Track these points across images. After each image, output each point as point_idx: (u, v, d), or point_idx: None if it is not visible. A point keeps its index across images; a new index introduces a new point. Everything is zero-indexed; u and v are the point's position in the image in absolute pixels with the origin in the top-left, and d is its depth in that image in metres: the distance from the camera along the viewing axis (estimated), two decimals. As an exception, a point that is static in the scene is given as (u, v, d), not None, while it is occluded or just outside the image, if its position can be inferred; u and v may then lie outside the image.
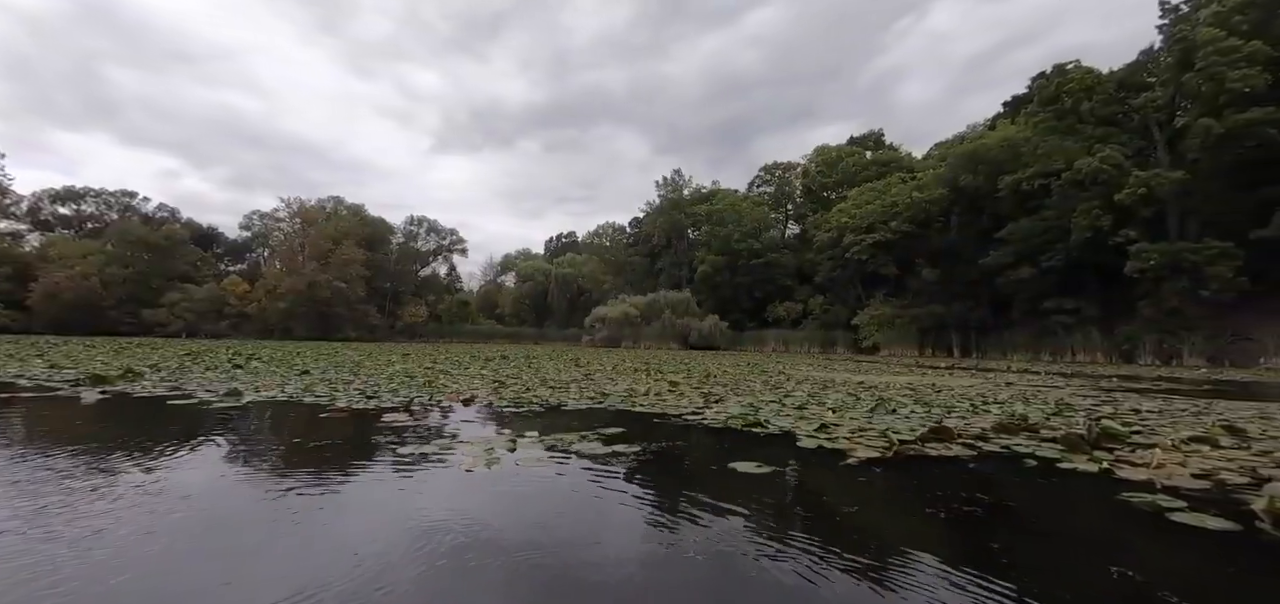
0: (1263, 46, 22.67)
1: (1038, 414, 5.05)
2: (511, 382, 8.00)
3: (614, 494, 2.43)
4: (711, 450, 3.43)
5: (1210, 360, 21.07)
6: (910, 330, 31.65)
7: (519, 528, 1.94)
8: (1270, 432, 4.20)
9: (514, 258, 78.18)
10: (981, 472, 2.90)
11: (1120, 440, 3.75)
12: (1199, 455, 3.20)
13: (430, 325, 56.44)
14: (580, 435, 3.75)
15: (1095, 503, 2.36)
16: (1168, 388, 9.34)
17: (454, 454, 3.08)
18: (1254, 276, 22.15)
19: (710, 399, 6.06)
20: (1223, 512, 2.15)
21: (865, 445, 3.39)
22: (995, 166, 29.95)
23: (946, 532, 1.99)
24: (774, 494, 2.44)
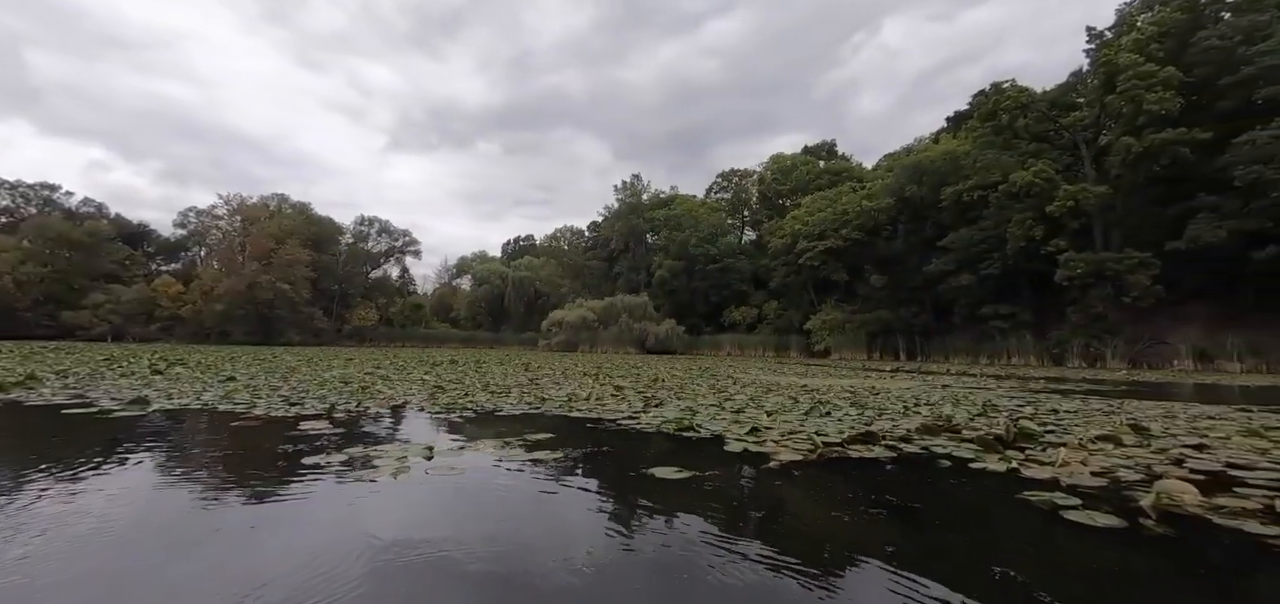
0: (1176, 72, 24.44)
1: (964, 416, 5.20)
2: (452, 387, 7.76)
3: (520, 503, 2.33)
4: (636, 455, 3.36)
5: (1130, 363, 22.49)
6: (860, 334, 32.60)
7: (410, 541, 1.82)
8: (1171, 430, 4.44)
9: (470, 260, 76.70)
10: (897, 473, 2.93)
11: (1034, 440, 3.89)
12: (1102, 454, 3.33)
13: (381, 329, 54.66)
14: (504, 442, 3.62)
15: (997, 502, 2.41)
16: (1088, 389, 9.86)
17: (363, 464, 2.91)
18: (1169, 285, 23.80)
19: (650, 403, 6.01)
20: (1113, 509, 2.22)
21: (791, 448, 3.39)
22: (938, 178, 31.22)
23: (847, 532, 1.97)
24: (687, 499, 2.39)
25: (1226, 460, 3.19)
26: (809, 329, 35.67)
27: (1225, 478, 2.78)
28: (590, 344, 42.92)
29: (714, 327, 44.95)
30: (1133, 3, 29.38)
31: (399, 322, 58.86)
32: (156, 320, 43.85)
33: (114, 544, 1.77)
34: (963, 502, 2.43)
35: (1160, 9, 26.98)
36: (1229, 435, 4.17)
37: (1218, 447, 3.67)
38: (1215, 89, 24.54)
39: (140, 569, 1.59)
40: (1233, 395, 9.26)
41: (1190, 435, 4.15)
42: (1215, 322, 22.58)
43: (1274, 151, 20.92)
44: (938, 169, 31.68)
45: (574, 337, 44.13)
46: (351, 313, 53.56)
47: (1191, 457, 3.29)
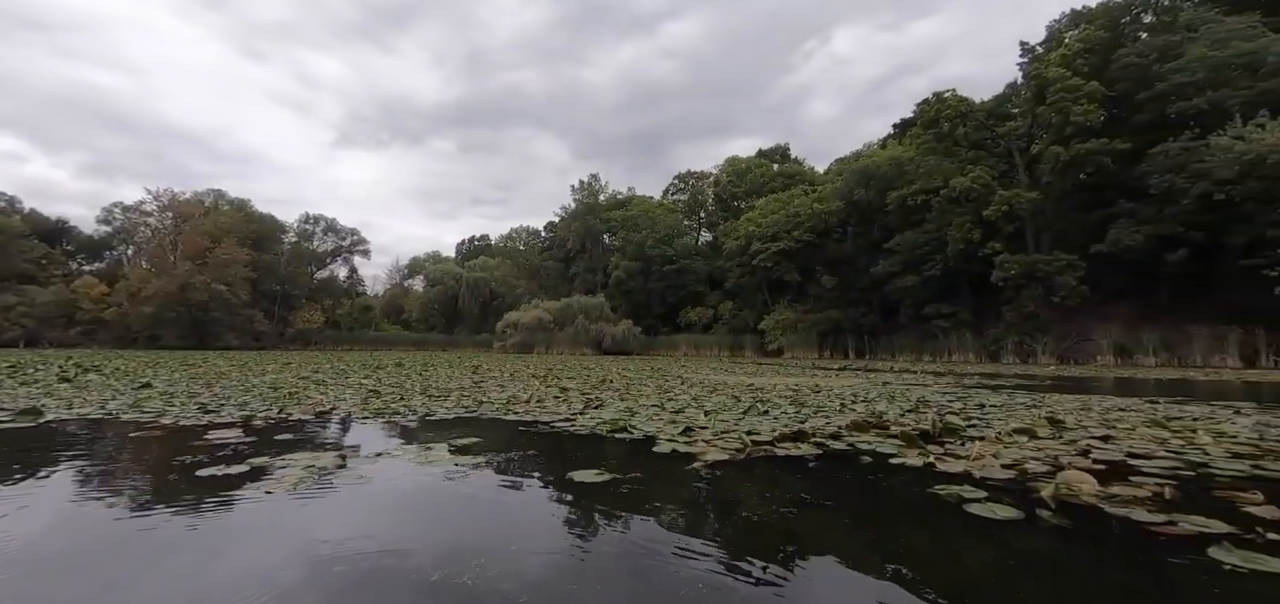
0: (1099, 86, 26.05)
1: (896, 412, 5.33)
2: (389, 391, 7.47)
3: (424, 511, 2.21)
4: (562, 459, 3.27)
5: (1059, 359, 23.82)
6: (811, 334, 33.37)
7: (302, 556, 1.68)
8: (1084, 422, 4.66)
9: (422, 260, 74.68)
10: (819, 469, 2.94)
11: (958, 435, 4.00)
12: (1016, 446, 3.45)
13: (328, 332, 52.50)
14: (427, 448, 3.47)
15: (908, 496, 2.44)
16: (1018, 384, 10.34)
17: (269, 474, 2.72)
18: (1093, 285, 25.32)
19: (592, 405, 5.92)
20: (1015, 500, 2.27)
21: (720, 448, 3.37)
22: (885, 182, 32.30)
23: (755, 531, 1.94)
24: (603, 502, 2.32)
25: (1128, 451, 3.35)
26: (763, 329, 36.29)
27: (1124, 468, 2.91)
28: (546, 345, 42.41)
29: (670, 327, 45.16)
30: (1061, 20, 31.12)
31: (347, 324, 56.71)
32: (77, 324, 40.83)
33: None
34: (875, 497, 2.45)
35: (1085, 27, 28.67)
36: (1134, 427, 4.41)
37: (1123, 437, 3.87)
38: (1134, 103, 26.26)
39: (-46, 602, 1.40)
40: (1147, 388, 9.88)
41: (1100, 427, 4.37)
42: (1134, 319, 24.15)
43: (1185, 162, 22.53)
44: (884, 174, 32.76)
45: (530, 338, 43.52)
46: (295, 315, 51.24)
47: (1097, 448, 3.44)
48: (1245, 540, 1.81)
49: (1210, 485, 2.55)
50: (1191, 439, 3.77)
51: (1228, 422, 4.81)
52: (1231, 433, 4.13)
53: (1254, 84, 23.02)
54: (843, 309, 33.88)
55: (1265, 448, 3.51)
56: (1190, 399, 7.21)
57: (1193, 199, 21.91)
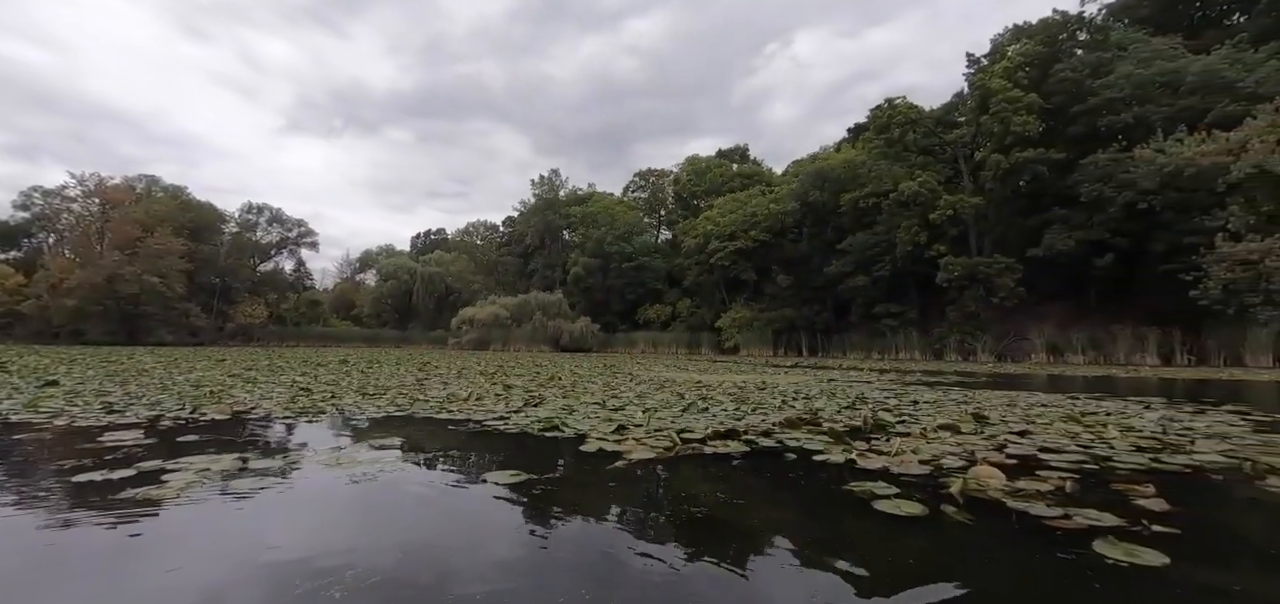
0: (1037, 98, 27.36)
1: (832, 408, 5.41)
2: (322, 389, 7.14)
3: (310, 523, 2.06)
4: (482, 458, 3.15)
5: (997, 357, 24.95)
6: (766, 332, 33.92)
7: (153, 581, 1.52)
8: (1007, 418, 4.82)
9: (375, 254, 72.41)
10: (742, 467, 2.92)
11: (886, 430, 4.07)
12: (938, 442, 3.52)
13: (272, 327, 50.25)
14: (340, 449, 3.29)
15: (821, 493, 2.43)
16: (955, 381, 10.71)
17: (154, 480, 2.50)
18: (1029, 287, 26.63)
19: (531, 402, 5.79)
20: (926, 496, 2.29)
21: (648, 447, 3.31)
22: (838, 185, 33.10)
23: (661, 530, 1.89)
24: (512, 503, 2.22)
25: (1041, 445, 3.46)
26: (720, 327, 36.69)
27: (1034, 462, 2.99)
28: (503, 342, 41.74)
29: (629, 324, 45.15)
30: (1004, 34, 32.54)
31: (293, 319, 54.41)
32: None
33: None
34: (790, 495, 2.43)
35: (1026, 42, 30.04)
36: (1052, 422, 4.58)
37: (1039, 433, 4.01)
38: (1068, 115, 27.71)
39: None
40: (1075, 385, 10.40)
41: (1021, 423, 4.53)
42: (1066, 320, 25.53)
43: (1112, 172, 23.92)
44: (838, 176, 33.57)
45: (486, 335, 42.73)
46: (236, 309, 48.81)
47: (1013, 442, 3.55)
48: (1131, 533, 1.85)
49: (1110, 479, 2.64)
50: (1101, 434, 3.94)
51: (1137, 416, 5.07)
52: (1139, 427, 4.34)
53: (1175, 101, 24.65)
54: (797, 308, 34.58)
55: (1166, 441, 3.70)
56: (1109, 395, 7.61)
57: (1119, 207, 23.29)
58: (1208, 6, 31.78)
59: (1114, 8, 33.93)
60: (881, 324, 30.04)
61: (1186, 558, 1.66)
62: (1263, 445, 3.65)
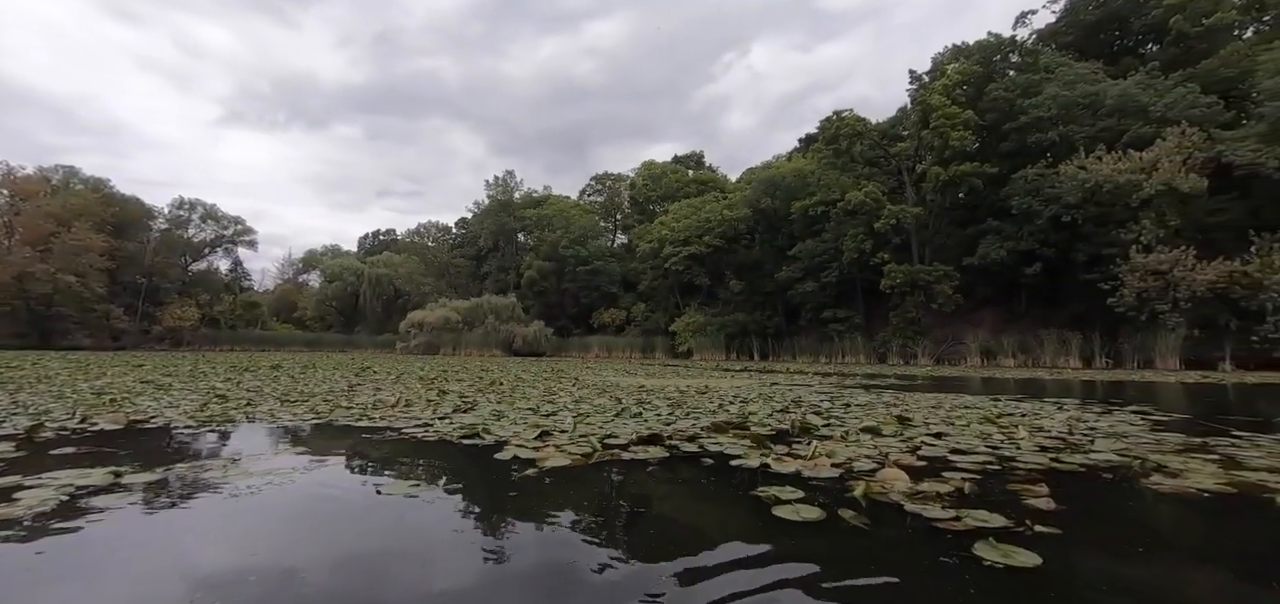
0: (973, 115, 28.77)
1: (765, 412, 5.45)
2: (241, 396, 6.71)
3: (165, 548, 1.87)
4: (384, 468, 2.98)
5: (936, 360, 26.01)
6: (719, 337, 34.33)
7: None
8: (929, 420, 4.96)
9: (320, 254, 69.55)
10: (657, 473, 2.87)
11: (812, 433, 4.11)
12: (857, 445, 3.56)
13: (204, 331, 47.45)
14: (234, 462, 3.05)
15: (726, 498, 2.40)
16: (893, 384, 11.05)
17: (5, 498, 2.23)
18: (966, 294, 27.92)
19: (462, 408, 5.60)
20: (829, 500, 2.28)
21: (567, 453, 3.21)
22: (789, 193, 33.86)
23: (549, 541, 1.80)
24: (394, 517, 2.09)
25: (954, 447, 3.55)
26: (674, 331, 36.91)
27: (943, 464, 3.05)
28: (454, 347, 40.75)
29: (583, 328, 44.87)
30: (944, 53, 34.10)
31: (228, 322, 51.57)
32: None
33: None
34: (692, 501, 2.39)
35: (964, 61, 31.55)
36: (970, 423, 4.74)
37: (956, 434, 4.12)
38: (1001, 132, 29.26)
39: None
40: (1007, 387, 10.88)
41: (941, 424, 4.66)
42: (999, 325, 26.89)
43: (1039, 186, 25.37)
44: (789, 185, 34.34)
45: (436, 339, 41.63)
46: (164, 312, 45.82)
47: (929, 444, 3.62)
48: (1014, 534, 1.88)
49: (1009, 479, 2.71)
50: (1012, 435, 4.09)
51: (1049, 417, 5.31)
52: (1048, 427, 4.54)
53: (1095, 122, 26.37)
54: (749, 313, 35.14)
55: (1069, 441, 3.86)
56: (1031, 396, 7.98)
57: (1046, 220, 24.71)
58: (1125, 36, 34.18)
59: (1043, 34, 36.13)
60: (829, 329, 30.87)
61: (1059, 558, 1.69)
62: (1155, 443, 3.86)
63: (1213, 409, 6.90)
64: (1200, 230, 22.26)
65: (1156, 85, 26.19)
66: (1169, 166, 21.42)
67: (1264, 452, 3.57)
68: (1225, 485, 2.66)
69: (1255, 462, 3.24)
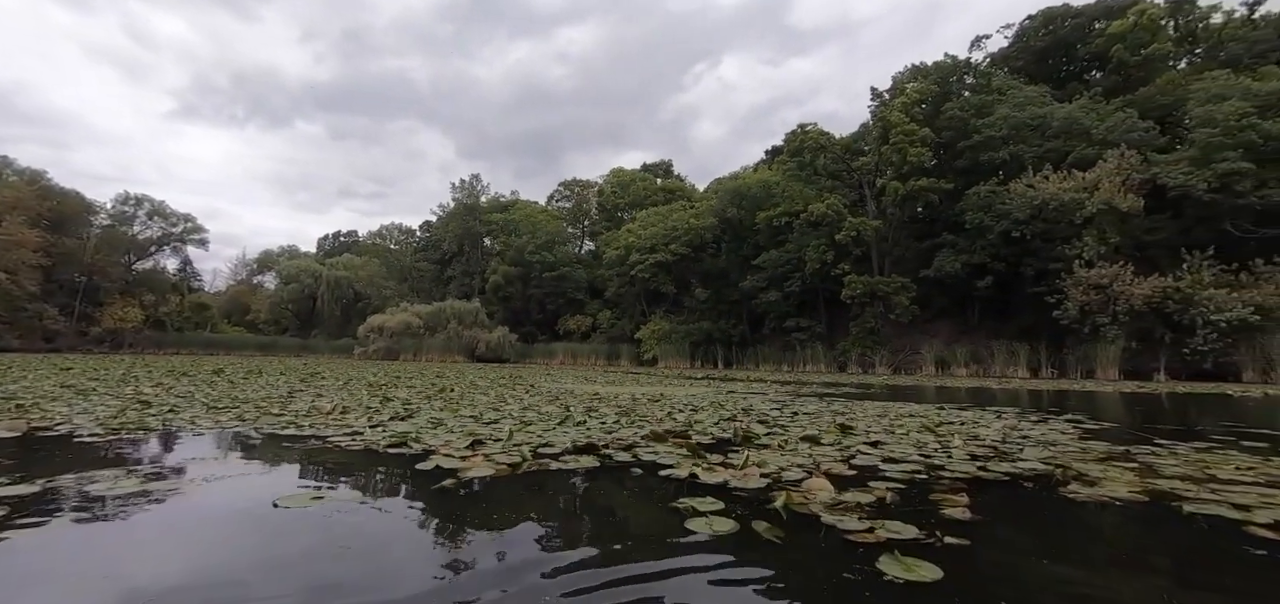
0: (930, 133, 29.71)
1: (712, 420, 5.41)
2: (167, 402, 6.34)
3: (60, 548, 1.69)
4: (289, 478, 2.81)
5: (893, 370, 26.63)
6: (684, 344, 34.43)
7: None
8: (872, 429, 4.99)
9: (275, 255, 67.22)
10: (581, 484, 2.77)
11: (752, 442, 4.07)
12: (793, 453, 3.54)
13: (148, 333, 45.12)
14: (131, 471, 2.83)
15: (640, 510, 2.33)
16: (848, 392, 11.20)
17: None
18: (923, 305, 28.72)
19: (401, 416, 5.39)
20: (747, 511, 2.23)
21: (495, 463, 3.09)
22: (755, 203, 34.29)
23: (437, 555, 1.69)
24: (293, 529, 1.94)
25: (887, 455, 3.56)
26: (639, 339, 36.86)
27: (872, 473, 3.05)
28: (415, 352, 39.76)
29: (549, 335, 44.41)
30: (904, 72, 35.17)
31: (175, 324, 49.19)
32: None
33: None
34: (605, 513, 2.30)
35: (922, 81, 32.59)
36: (909, 431, 4.79)
37: (893, 442, 4.14)
38: (956, 150, 30.29)
39: None
40: (960, 396, 11.15)
41: (882, 432, 4.69)
42: (953, 336, 27.72)
43: (991, 203, 26.33)
44: (755, 195, 34.79)
45: (396, 344, 40.55)
46: (104, 312, 43.48)
47: (864, 453, 3.63)
48: (923, 546, 1.86)
49: (932, 488, 2.71)
50: (947, 443, 4.14)
51: (987, 425, 5.43)
52: (983, 435, 4.62)
53: (1042, 143, 27.55)
54: (714, 321, 35.38)
55: (1000, 450, 3.93)
56: (977, 405, 8.17)
57: (996, 235, 25.63)
58: (1071, 62, 35.91)
59: (996, 57, 37.68)
60: (792, 338, 31.30)
61: (961, 571, 1.66)
62: (1081, 452, 3.96)
63: (1144, 418, 7.19)
64: (1138, 247, 23.47)
65: (1099, 109, 27.55)
66: (1109, 186, 22.51)
67: (1180, 460, 3.69)
68: (1139, 493, 2.72)
69: (1171, 470, 3.34)
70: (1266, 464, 3.62)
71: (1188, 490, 2.77)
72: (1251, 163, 21.46)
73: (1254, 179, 21.59)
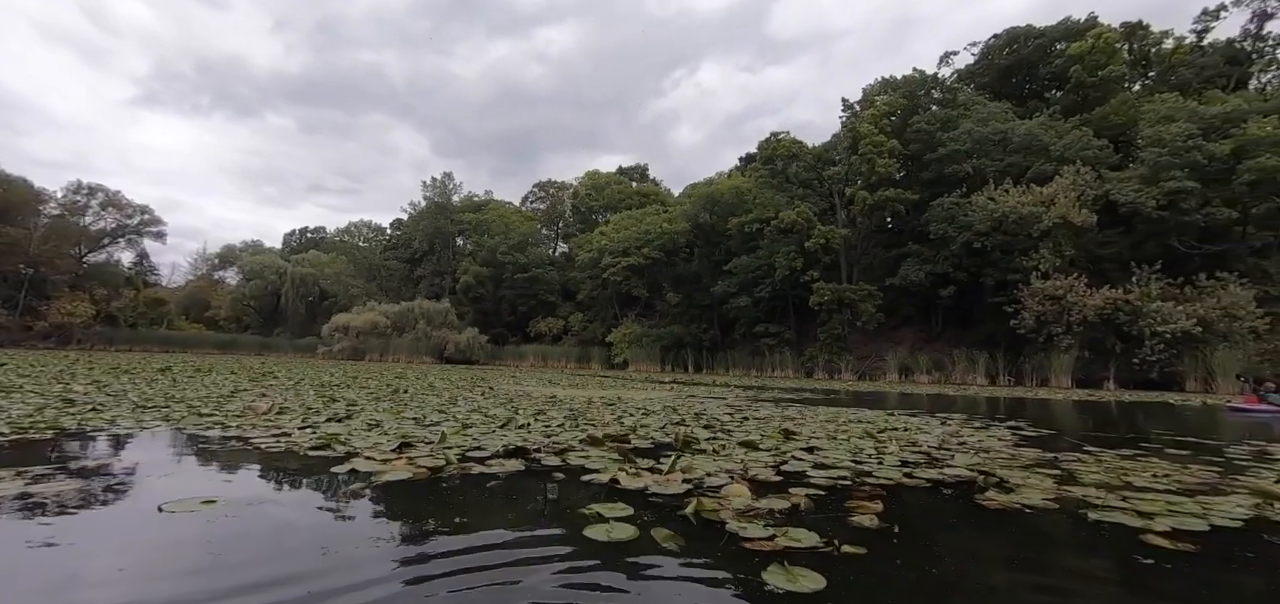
0: (898, 144, 30.34)
1: (658, 424, 5.38)
2: (96, 401, 6.04)
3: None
4: (189, 484, 2.67)
5: (858, 376, 27.07)
6: (655, 348, 34.45)
7: None
8: (815, 435, 5.01)
9: (238, 250, 65.13)
10: (497, 487, 2.70)
11: (691, 447, 4.05)
12: (726, 458, 3.52)
13: (99, 329, 43.25)
14: (14, 474, 2.65)
15: (545, 516, 2.27)
16: (808, 398, 11.31)
17: None
18: (888, 313, 29.29)
19: (339, 417, 5.22)
20: (656, 517, 2.19)
21: (415, 466, 3.00)
22: (727, 209, 34.55)
23: (304, 570, 1.60)
24: (177, 535, 1.83)
25: (819, 462, 3.56)
26: (611, 342, 36.76)
27: (798, 479, 3.04)
28: (381, 352, 38.97)
29: (520, 337, 43.98)
30: (875, 85, 35.87)
31: (128, 319, 47.22)
32: None
33: None
34: (506, 519, 2.23)
35: (891, 94, 33.29)
36: (851, 437, 4.83)
37: (830, 448, 4.16)
38: (922, 162, 30.99)
39: None
40: (922, 402, 11.34)
41: (824, 438, 4.70)
42: (917, 343, 28.32)
43: (954, 214, 26.99)
44: (727, 201, 35.04)
45: (362, 344, 39.71)
46: (51, 306, 41.56)
47: (797, 459, 3.62)
48: (820, 555, 1.84)
49: (852, 495, 2.71)
50: (882, 448, 4.18)
51: (930, 431, 5.51)
52: (921, 442, 4.68)
53: (1004, 157, 28.38)
54: (685, 325, 35.49)
55: (933, 456, 3.97)
56: (929, 411, 8.31)
57: (959, 246, 26.28)
58: (1033, 81, 37.12)
59: (963, 73, 38.74)
60: (761, 343, 31.58)
61: (845, 580, 1.64)
62: (1011, 458, 4.03)
63: (1093, 425, 7.41)
64: (1091, 261, 24.33)
65: (1057, 127, 28.51)
66: (1064, 201, 23.30)
67: (1103, 467, 3.79)
68: (1052, 500, 2.76)
69: (1090, 476, 3.41)
70: (1182, 471, 3.74)
71: (1099, 498, 2.82)
72: (1196, 182, 22.47)
73: (1198, 197, 22.61)
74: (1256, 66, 32.15)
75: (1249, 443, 5.59)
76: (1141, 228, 24.04)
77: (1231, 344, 19.84)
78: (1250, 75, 31.97)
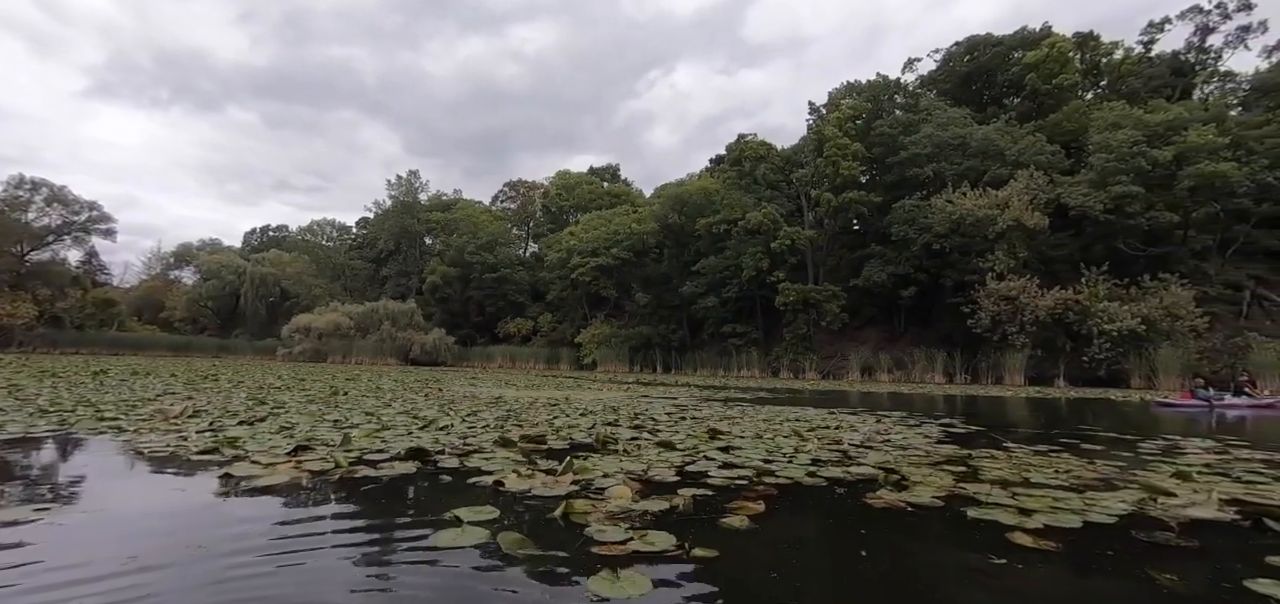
0: (861, 148, 30.86)
1: (587, 425, 5.31)
2: None
3: None
4: (41, 486, 2.50)
5: (823, 376, 27.42)
6: (624, 349, 34.36)
7: None
8: (743, 434, 5.00)
9: (195, 249, 62.85)
10: (373, 491, 2.60)
11: (608, 446, 3.99)
12: (635, 459, 3.47)
13: (42, 331, 41.26)
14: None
15: (404, 521, 2.19)
16: (763, 397, 11.36)
17: None
18: (852, 313, 29.75)
19: (255, 419, 5.02)
20: (521, 520, 2.12)
21: (302, 470, 2.88)
22: (696, 210, 34.64)
23: (131, 579, 1.49)
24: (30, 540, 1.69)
25: (728, 462, 3.54)
26: (580, 343, 36.54)
27: (696, 479, 3.00)
28: (344, 354, 38.05)
29: (489, 338, 43.40)
30: (840, 89, 36.44)
31: (75, 321, 45.17)
32: None
33: None
34: (364, 518, 2.14)
35: (856, 98, 33.84)
36: (778, 436, 4.83)
37: (749, 448, 4.14)
38: (885, 165, 31.59)
39: None
40: (882, 401, 11.48)
41: (750, 438, 4.69)
42: (879, 343, 28.84)
43: (915, 217, 27.57)
44: (696, 202, 35.14)
45: (324, 345, 38.71)
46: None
47: (707, 459, 3.60)
48: (670, 557, 1.80)
49: (741, 495, 2.68)
50: (801, 446, 4.18)
51: (855, 429, 5.55)
52: (845, 440, 4.70)
53: (962, 161, 29.07)
54: (654, 325, 35.48)
55: (847, 455, 3.99)
56: (887, 410, 8.40)
57: (920, 247, 26.83)
58: (991, 88, 38.15)
59: (925, 79, 39.59)
60: (729, 343, 31.76)
61: (676, 586, 1.60)
62: (925, 455, 4.08)
63: (1032, 420, 7.58)
64: (1043, 262, 25.10)
65: (1013, 132, 29.35)
66: (1018, 205, 23.98)
67: (1010, 463, 3.85)
68: (940, 497, 2.77)
69: (993, 473, 3.46)
70: (1086, 467, 3.82)
71: (990, 495, 2.84)
72: (1141, 187, 23.37)
73: (1143, 202, 23.51)
74: (1199, 78, 33.63)
75: (1166, 438, 5.78)
76: (1090, 231, 24.90)
77: (1173, 343, 20.67)
78: (1194, 86, 33.43)
